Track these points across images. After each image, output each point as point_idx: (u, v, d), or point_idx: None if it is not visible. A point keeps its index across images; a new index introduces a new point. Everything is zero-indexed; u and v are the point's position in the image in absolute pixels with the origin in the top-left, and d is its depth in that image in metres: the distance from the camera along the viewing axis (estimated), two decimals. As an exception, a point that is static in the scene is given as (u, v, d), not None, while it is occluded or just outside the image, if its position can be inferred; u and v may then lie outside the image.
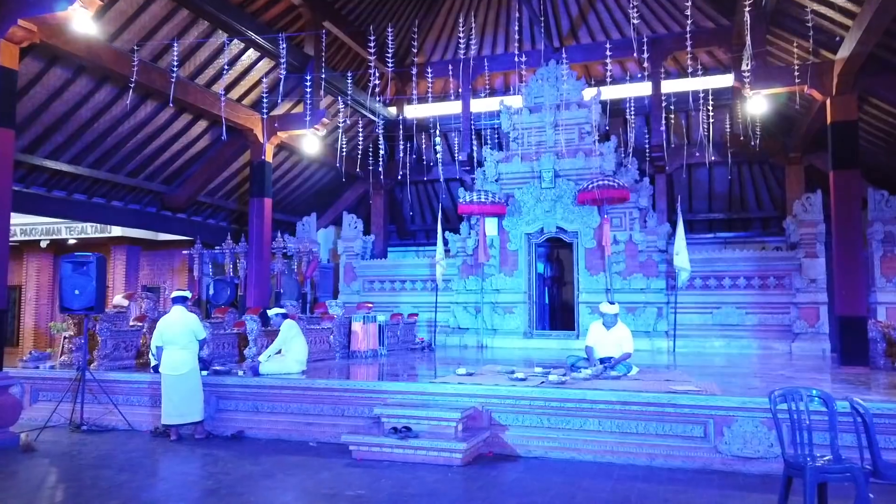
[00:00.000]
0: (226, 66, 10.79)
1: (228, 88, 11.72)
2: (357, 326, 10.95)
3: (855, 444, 4.74)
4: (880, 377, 8.28)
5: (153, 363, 8.13)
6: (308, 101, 11.53)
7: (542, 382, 7.23)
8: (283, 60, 8.90)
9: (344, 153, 13.16)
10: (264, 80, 11.85)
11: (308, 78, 9.59)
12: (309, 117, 10.19)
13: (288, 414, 7.70)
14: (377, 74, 10.87)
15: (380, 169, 13.05)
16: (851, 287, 9.10)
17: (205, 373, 8.07)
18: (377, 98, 13.00)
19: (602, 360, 8.25)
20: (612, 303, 8.29)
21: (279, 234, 14.04)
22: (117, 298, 10.55)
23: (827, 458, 4.59)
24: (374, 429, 6.92)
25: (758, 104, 10.02)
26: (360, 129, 13.46)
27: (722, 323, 13.05)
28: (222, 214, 15.34)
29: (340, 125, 10.45)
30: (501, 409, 6.94)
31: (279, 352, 8.44)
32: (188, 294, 7.92)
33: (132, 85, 9.02)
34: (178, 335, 7.42)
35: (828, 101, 9.37)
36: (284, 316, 8.62)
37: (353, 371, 9.22)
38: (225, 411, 7.94)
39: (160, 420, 7.47)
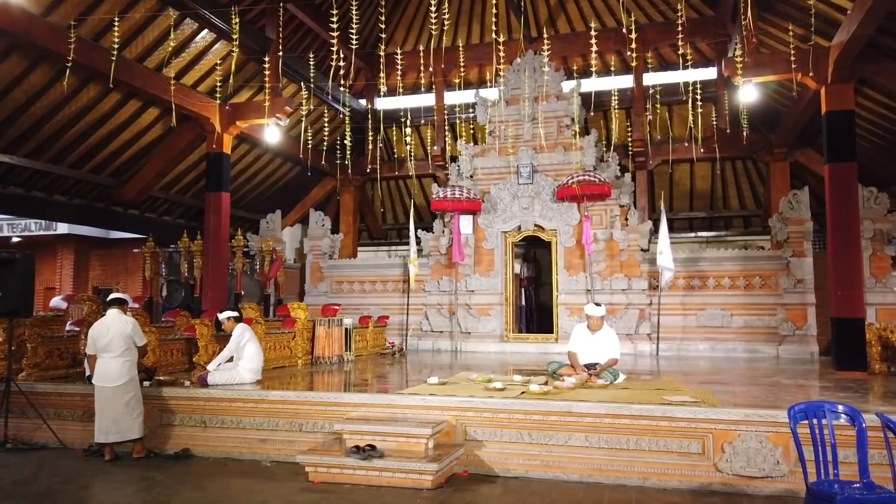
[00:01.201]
0: (173, 47, 9.85)
1: (181, 73, 10.85)
2: (321, 331, 10.15)
3: (884, 463, 4.14)
4: (883, 383, 7.74)
5: (88, 373, 7.25)
6: (270, 89, 10.69)
7: (523, 393, 6.53)
8: (234, 37, 8.02)
9: (310, 146, 12.33)
10: (221, 64, 10.97)
11: (265, 59, 8.73)
12: (267, 102, 9.33)
13: (239, 429, 6.89)
14: (344, 62, 10.13)
15: (347, 163, 12.24)
16: (848, 287, 8.57)
17: (147, 383, 7.24)
18: (344, 87, 12.21)
19: (586, 366, 7.58)
20: (597, 304, 7.62)
21: (239, 232, 13.15)
22: (55, 300, 9.60)
23: (857, 484, 3.95)
24: (336, 446, 6.15)
25: (748, 93, 9.46)
26: (327, 122, 12.64)
27: (706, 325, 12.50)
28: (179, 210, 14.39)
29: (303, 114, 9.63)
30: (477, 422, 6.23)
31: (230, 360, 7.60)
32: (126, 296, 7.04)
33: (69, 65, 8.08)
34: (113, 342, 6.57)
35: (822, 90, 8.83)
36: (237, 320, 7.78)
37: (315, 380, 8.42)
38: (169, 426, 7.10)
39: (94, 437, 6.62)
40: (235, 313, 7.81)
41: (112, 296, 6.97)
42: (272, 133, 11.38)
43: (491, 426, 6.18)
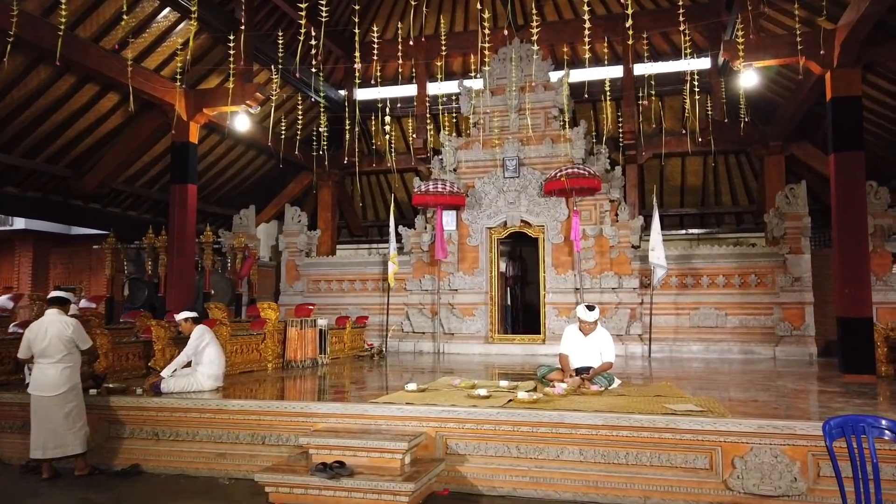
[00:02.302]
0: (133, 26, 9.09)
1: (143, 55, 10.09)
2: (293, 332, 9.45)
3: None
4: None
5: (27, 380, 6.52)
6: (237, 73, 9.97)
7: (510, 401, 5.90)
8: (192, 10, 7.28)
9: (283, 137, 11.61)
10: (182, 49, 10.20)
11: (230, 39, 8.01)
12: (231, 85, 8.59)
13: (195, 442, 6.21)
14: (322, 49, 9.42)
15: (323, 155, 11.54)
16: (855, 285, 8.03)
17: (94, 392, 6.53)
18: (317, 71, 11.51)
19: (578, 371, 6.97)
20: (590, 308, 6.99)
21: (208, 227, 12.40)
22: (0, 300, 8.82)
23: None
24: (301, 462, 5.49)
25: (748, 78, 8.90)
26: (303, 112, 11.92)
27: (700, 325, 11.97)
28: (145, 205, 13.60)
29: (273, 101, 8.93)
30: (460, 435, 5.60)
31: (188, 365, 6.89)
32: (67, 295, 6.31)
33: (10, 40, 7.31)
34: (51, 346, 5.86)
35: (828, 75, 8.29)
36: (196, 321, 7.07)
37: (284, 386, 7.73)
38: (117, 440, 6.40)
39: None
40: (194, 314, 7.10)
41: (52, 294, 6.25)
42: (242, 122, 10.65)
43: (475, 439, 5.56)
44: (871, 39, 7.99)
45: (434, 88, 14.86)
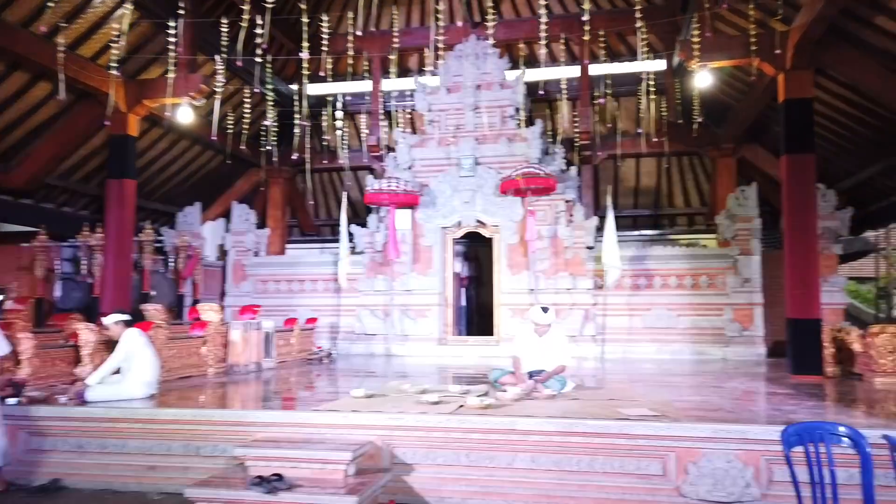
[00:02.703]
0: (66, 11, 8.53)
1: (78, 42, 9.50)
2: (236, 335, 9.03)
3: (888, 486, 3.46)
4: (844, 389, 7.23)
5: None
6: (176, 61, 9.49)
7: (461, 407, 5.66)
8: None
9: (230, 132, 11.17)
10: (119, 37, 9.65)
11: (172, 26, 7.56)
12: (173, 75, 8.12)
13: (124, 454, 5.78)
14: (269, 39, 9.02)
15: (270, 150, 11.18)
16: (804, 286, 8.07)
17: (13, 401, 6.03)
18: (269, 67, 11.08)
19: (531, 374, 6.78)
20: (545, 309, 6.81)
21: (148, 225, 11.83)
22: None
23: (862, 524, 3.23)
24: (239, 475, 5.13)
25: (703, 79, 8.89)
26: (252, 106, 11.44)
27: (652, 326, 11.97)
28: (82, 201, 12.90)
29: (219, 95, 8.49)
30: (408, 443, 5.33)
31: (118, 371, 6.44)
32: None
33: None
34: (-39, 352, 5.36)
35: (781, 77, 8.32)
36: (126, 324, 6.62)
37: (223, 392, 7.34)
38: (38, 453, 5.92)
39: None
40: (124, 316, 6.65)
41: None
42: (185, 114, 10.15)
43: (423, 447, 5.30)
44: (823, 42, 8.05)
45: (389, 85, 14.57)
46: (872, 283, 17.98)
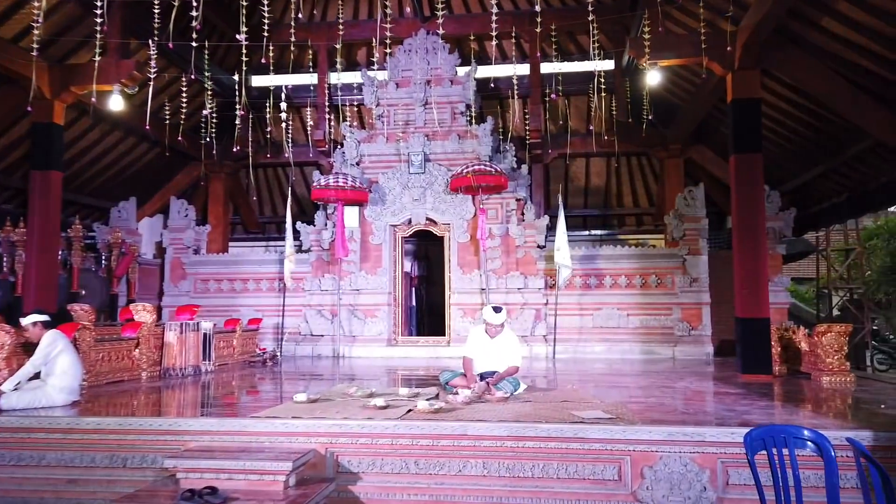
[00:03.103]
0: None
1: (-3, 23, 8.82)
2: (172, 336, 8.52)
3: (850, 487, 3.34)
4: (794, 388, 7.27)
5: None
6: (113, 49, 8.92)
7: (409, 411, 5.39)
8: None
9: (167, 123, 10.57)
10: (38, 17, 8.98)
11: (100, 6, 6.99)
12: (97, 58, 7.54)
13: (41, 467, 5.31)
14: (206, 25, 8.59)
15: (209, 142, 10.66)
16: (753, 286, 8.10)
17: (-84, 411, 5.46)
18: (206, 54, 10.57)
19: (483, 375, 6.56)
20: (497, 309, 6.61)
21: (77, 219, 11.11)
22: None
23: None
24: (169, 487, 4.75)
25: (653, 77, 8.86)
26: (191, 96, 10.91)
27: (602, 326, 11.94)
28: (5, 194, 12.06)
29: (152, 82, 7.95)
30: (353, 451, 5.04)
31: (37, 376, 5.92)
32: None
33: None
34: None
35: (729, 77, 8.35)
36: (46, 325, 6.10)
37: (156, 398, 6.86)
38: (-57, 467, 5.35)
39: None
40: (43, 317, 6.12)
41: None
42: (116, 102, 9.54)
43: (369, 454, 5.02)
44: (770, 42, 8.10)
45: (336, 78, 14.17)
46: (811, 284, 18.54)
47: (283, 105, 9.11)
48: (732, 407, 5.78)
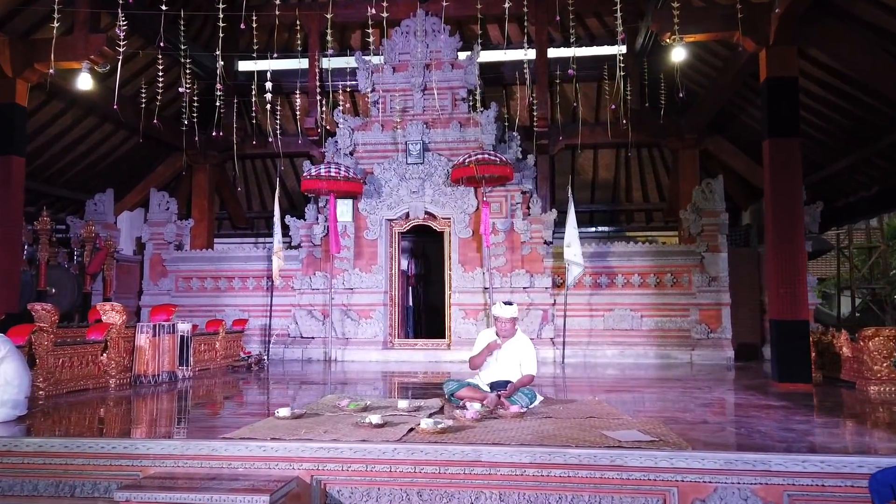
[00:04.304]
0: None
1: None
2: (143, 339, 7.66)
3: None
4: (846, 400, 6.46)
5: None
6: (82, 21, 8.04)
7: (411, 431, 4.56)
8: None
9: (144, 108, 9.70)
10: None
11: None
12: (54, 26, 6.64)
13: (-27, 498, 4.43)
14: (193, 10, 7.75)
15: (194, 134, 9.83)
16: (791, 284, 7.30)
17: None
18: (182, 33, 9.72)
19: (493, 386, 5.74)
20: (507, 303, 5.78)
21: (44, 211, 10.22)
22: None
23: None
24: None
25: (677, 54, 8.05)
26: (173, 81, 10.02)
27: (614, 328, 11.14)
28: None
29: (120, 54, 7.11)
30: (343, 479, 4.24)
31: (-25, 388, 5.06)
32: None
33: None
34: None
35: (762, 53, 7.55)
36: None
37: (118, 412, 6.01)
38: None
39: None
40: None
41: None
42: (86, 81, 8.65)
43: (363, 483, 4.21)
44: (809, 15, 7.30)
45: (329, 63, 13.33)
46: (823, 284, 17.80)
47: (269, 86, 8.23)
48: (788, 425, 4.96)
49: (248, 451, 4.29)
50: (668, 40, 7.79)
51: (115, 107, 7.72)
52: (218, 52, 8.15)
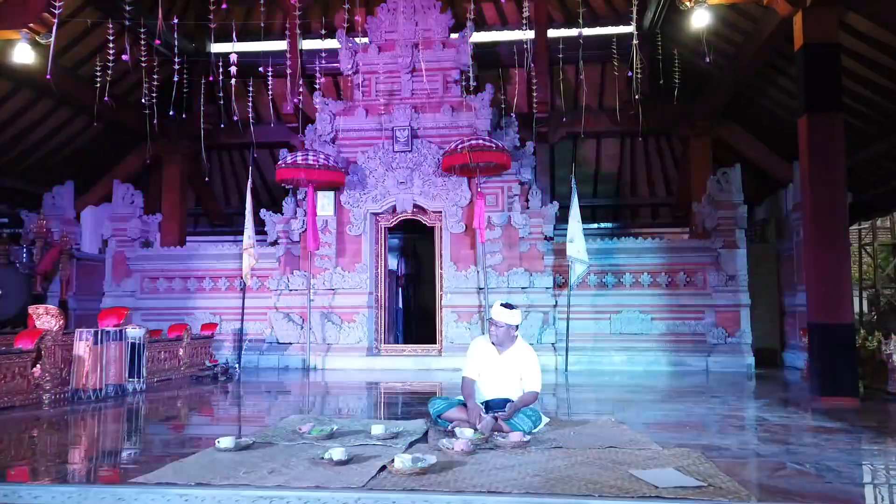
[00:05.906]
0: None
1: None
2: (82, 348, 6.60)
3: None
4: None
5: None
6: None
7: (383, 469, 3.52)
8: None
9: (105, 90, 8.67)
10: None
11: None
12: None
13: None
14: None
15: (163, 122, 8.80)
16: (833, 282, 6.29)
17: None
18: (144, 12, 8.73)
19: (489, 405, 4.70)
20: (509, 306, 4.74)
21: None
22: None
23: None
24: None
25: (700, 18, 7.05)
26: (138, 61, 8.96)
27: (622, 331, 10.15)
28: None
29: (56, 15, 6.10)
30: (292, 536, 3.16)
31: None
32: None
33: None
34: None
35: (798, 16, 6.55)
36: None
37: (29, 439, 4.96)
38: None
39: None
40: None
41: None
42: (24, 54, 7.60)
43: (316, 545, 3.14)
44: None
45: (310, 45, 12.32)
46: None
47: (234, 58, 7.21)
48: (860, 457, 3.94)
49: (164, 499, 3.24)
50: (688, 3, 6.77)
51: (48, 76, 6.68)
52: (175, 21, 7.08)
